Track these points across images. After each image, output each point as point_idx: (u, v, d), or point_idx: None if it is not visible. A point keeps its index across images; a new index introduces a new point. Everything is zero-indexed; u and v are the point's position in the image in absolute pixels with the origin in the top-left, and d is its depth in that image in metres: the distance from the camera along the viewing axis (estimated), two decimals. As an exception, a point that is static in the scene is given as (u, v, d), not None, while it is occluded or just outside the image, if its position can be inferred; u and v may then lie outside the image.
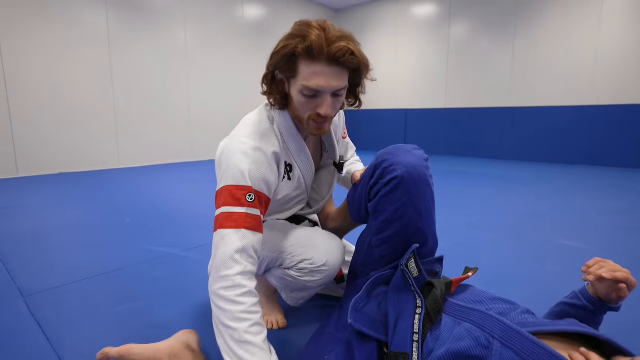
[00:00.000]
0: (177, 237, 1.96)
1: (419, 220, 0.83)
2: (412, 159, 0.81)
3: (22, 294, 1.32)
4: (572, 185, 3.48)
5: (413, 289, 0.78)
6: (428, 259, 0.86)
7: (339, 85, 0.80)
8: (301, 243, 0.91)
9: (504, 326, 0.68)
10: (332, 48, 0.75)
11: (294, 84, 0.83)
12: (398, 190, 0.80)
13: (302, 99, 0.82)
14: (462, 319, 0.73)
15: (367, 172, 0.88)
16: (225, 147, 0.86)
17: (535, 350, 0.63)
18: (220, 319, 0.72)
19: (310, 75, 0.78)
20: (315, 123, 0.85)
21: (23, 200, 2.82)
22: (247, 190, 0.79)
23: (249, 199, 0.78)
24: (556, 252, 1.74)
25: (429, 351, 0.71)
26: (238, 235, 0.76)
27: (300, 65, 0.79)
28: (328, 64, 0.77)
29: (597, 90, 4.77)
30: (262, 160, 0.83)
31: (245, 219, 0.77)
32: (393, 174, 0.80)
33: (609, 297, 0.76)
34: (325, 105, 0.81)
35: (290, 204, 1.03)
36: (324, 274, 0.90)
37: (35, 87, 3.95)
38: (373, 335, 0.76)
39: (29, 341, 1.04)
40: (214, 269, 0.76)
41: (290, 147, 0.92)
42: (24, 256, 1.69)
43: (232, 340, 0.69)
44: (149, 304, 1.25)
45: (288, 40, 0.80)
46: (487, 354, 0.65)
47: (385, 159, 0.83)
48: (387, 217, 0.83)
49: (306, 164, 0.97)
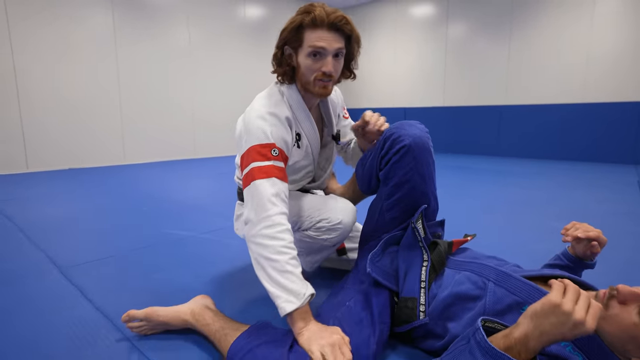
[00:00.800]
0: (193, 223, 2.08)
1: (423, 183, 0.97)
2: (416, 131, 0.96)
3: (58, 268, 1.43)
4: (568, 179, 3.62)
5: (421, 245, 0.91)
6: (431, 222, 0.99)
7: (338, 46, 0.96)
8: (318, 206, 1.05)
9: (498, 271, 0.80)
10: (331, 17, 0.93)
11: (301, 52, 0.98)
12: (406, 157, 0.94)
13: (309, 62, 0.97)
14: (462, 269, 0.86)
15: (377, 145, 1.01)
16: (243, 119, 1.00)
17: (524, 287, 0.76)
18: (263, 254, 0.83)
19: (314, 39, 0.94)
20: (321, 82, 0.99)
21: (38, 193, 2.92)
22: (271, 146, 0.92)
23: (274, 154, 0.92)
24: (550, 233, 1.87)
25: (433, 296, 0.84)
26: (270, 183, 0.88)
27: (306, 33, 0.96)
28: (328, 30, 0.94)
29: (590, 88, 4.92)
30: (277, 122, 0.97)
31: (274, 169, 0.90)
32: (402, 143, 0.94)
33: (585, 254, 0.90)
34: (328, 63, 0.96)
35: (300, 174, 1.15)
36: (339, 232, 1.03)
37: (45, 86, 4.06)
38: (386, 284, 0.88)
39: (72, 304, 1.16)
40: (253, 214, 0.87)
41: (298, 117, 1.05)
42: (53, 239, 1.80)
43: (274, 271, 0.81)
44: (173, 275, 1.38)
45: (294, 17, 0.98)
46: (483, 294, 0.78)
47: (393, 132, 0.97)
48: (397, 182, 0.97)
49: (312, 133, 1.09)
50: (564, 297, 0.55)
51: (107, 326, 1.03)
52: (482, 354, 0.57)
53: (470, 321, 0.76)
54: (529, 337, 0.56)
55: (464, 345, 0.62)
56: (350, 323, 0.83)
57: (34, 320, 1.06)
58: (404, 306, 0.85)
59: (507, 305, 0.74)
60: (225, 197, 2.88)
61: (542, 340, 0.56)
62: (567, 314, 0.53)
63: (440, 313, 0.81)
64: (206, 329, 0.92)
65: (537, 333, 0.56)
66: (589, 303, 0.55)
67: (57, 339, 0.97)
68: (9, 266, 1.45)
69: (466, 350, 0.60)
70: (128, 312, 0.96)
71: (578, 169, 4.30)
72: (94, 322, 1.05)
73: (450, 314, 0.80)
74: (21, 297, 1.20)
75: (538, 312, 0.56)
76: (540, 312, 0.56)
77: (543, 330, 0.55)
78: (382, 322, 0.85)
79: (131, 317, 0.96)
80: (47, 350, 0.92)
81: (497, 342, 0.58)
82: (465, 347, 0.61)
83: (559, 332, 0.54)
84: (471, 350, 0.59)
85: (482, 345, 0.57)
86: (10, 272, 1.39)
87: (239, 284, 1.31)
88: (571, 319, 0.53)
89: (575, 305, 0.54)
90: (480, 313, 0.75)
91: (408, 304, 0.84)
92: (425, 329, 0.84)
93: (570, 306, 0.54)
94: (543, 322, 0.55)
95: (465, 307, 0.78)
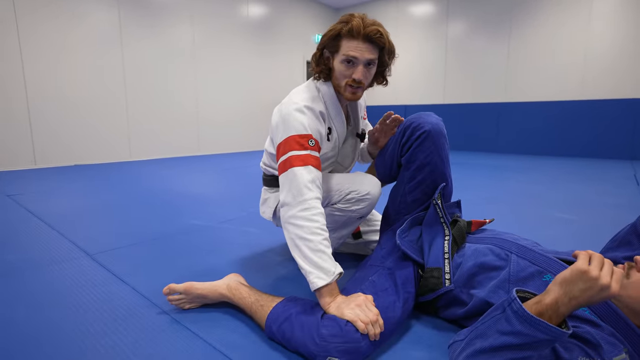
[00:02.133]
0: (208, 214, 2.14)
1: (442, 165, 1.08)
2: (433, 119, 1.07)
3: (88, 254, 1.50)
4: (567, 174, 3.71)
5: (442, 221, 0.99)
6: (448, 202, 1.07)
7: (370, 57, 1.04)
8: (346, 181, 1.13)
9: (519, 245, 0.88)
10: (366, 30, 1.01)
11: (337, 57, 1.07)
12: (426, 142, 1.05)
13: (342, 68, 1.06)
14: (484, 243, 0.94)
15: (397, 134, 1.11)
16: (281, 111, 1.07)
17: (545, 259, 0.83)
18: (298, 234, 0.91)
19: (349, 48, 1.03)
20: (351, 88, 1.08)
21: (50, 187, 2.98)
22: (309, 137, 1.01)
23: (311, 144, 1.00)
24: (553, 222, 1.95)
25: (457, 265, 0.92)
26: (307, 170, 0.96)
27: (342, 42, 1.05)
28: (363, 41, 1.02)
29: (588, 86, 5.02)
30: (313, 116, 1.05)
31: (310, 158, 0.99)
32: (422, 129, 1.05)
33: None
34: (359, 71, 1.05)
35: (325, 164, 1.23)
36: (367, 202, 1.11)
37: (52, 84, 4.10)
38: (413, 257, 0.96)
39: (108, 284, 1.23)
40: (291, 198, 0.95)
41: (331, 112, 1.14)
42: (77, 228, 1.86)
43: (308, 249, 0.89)
44: (200, 259, 1.45)
45: (335, 25, 1.06)
46: (506, 265, 0.86)
47: (413, 121, 1.07)
48: (418, 165, 1.07)
49: (341, 129, 1.18)
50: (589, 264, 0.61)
51: (144, 303, 1.10)
52: (519, 322, 0.61)
53: (495, 288, 0.83)
54: (559, 303, 0.60)
55: (499, 314, 0.65)
56: (375, 292, 0.91)
57: (71, 300, 1.13)
58: (430, 276, 0.93)
59: (530, 274, 0.81)
60: (234, 190, 2.95)
61: (572, 305, 0.60)
62: (594, 279, 0.58)
63: (465, 281, 0.89)
64: (242, 302, 0.99)
65: (566, 299, 0.60)
66: (612, 269, 0.60)
67: (98, 315, 1.04)
68: (38, 254, 1.51)
69: (502, 318, 0.64)
70: (169, 285, 1.03)
71: (577, 164, 4.40)
72: (131, 299, 1.12)
73: (475, 283, 0.88)
74: (55, 281, 1.26)
75: (567, 279, 0.61)
76: (569, 279, 0.61)
77: (572, 295, 0.60)
78: (407, 292, 0.92)
79: (171, 290, 1.03)
80: (88, 327, 0.99)
81: (529, 308, 0.62)
82: (501, 315, 0.64)
83: (587, 296, 0.59)
84: (507, 318, 0.63)
85: (520, 313, 0.61)
86: (41, 259, 1.45)
87: (262, 266, 1.38)
88: (598, 283, 0.58)
89: (600, 271, 0.59)
90: (505, 280, 0.82)
91: (434, 274, 0.92)
92: (449, 297, 0.92)
93: (597, 272, 0.59)
94: (572, 289, 0.60)
95: (489, 276, 0.86)
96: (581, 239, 1.71)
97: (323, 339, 0.78)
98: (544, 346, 0.61)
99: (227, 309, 1.06)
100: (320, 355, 0.78)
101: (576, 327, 0.70)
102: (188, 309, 1.06)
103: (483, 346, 0.65)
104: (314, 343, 0.79)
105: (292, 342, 0.83)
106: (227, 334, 0.94)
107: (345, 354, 0.77)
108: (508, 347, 0.62)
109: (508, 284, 0.82)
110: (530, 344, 0.61)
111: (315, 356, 0.79)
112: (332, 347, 0.77)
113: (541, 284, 0.79)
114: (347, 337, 0.78)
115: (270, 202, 1.29)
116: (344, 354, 0.77)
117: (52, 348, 0.88)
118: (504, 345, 0.62)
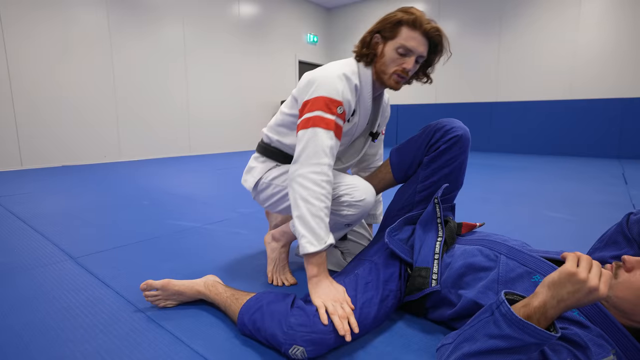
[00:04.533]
0: (196, 215, 2.11)
1: (459, 170, 1.08)
2: (463, 125, 1.07)
3: (72, 257, 1.46)
4: (558, 173, 3.74)
5: (438, 221, 0.99)
6: (444, 205, 1.07)
7: (423, 52, 1.04)
8: (344, 182, 1.08)
9: (508, 246, 0.87)
10: (428, 25, 1.01)
11: (391, 44, 1.04)
12: (456, 146, 1.05)
13: (395, 56, 1.03)
14: (473, 244, 0.93)
15: (425, 135, 1.09)
16: (319, 70, 1.04)
17: (534, 261, 0.82)
18: (303, 196, 0.91)
19: (409, 38, 1.02)
20: (397, 77, 1.06)
21: (36, 189, 2.92)
22: (339, 103, 0.98)
23: (339, 111, 0.98)
24: (544, 221, 1.96)
25: (446, 265, 0.91)
26: (329, 135, 0.95)
27: (402, 30, 1.02)
28: (422, 35, 1.02)
29: (577, 86, 5.07)
30: (348, 87, 1.02)
31: (334, 125, 0.97)
32: (454, 133, 1.04)
33: None
34: (410, 62, 1.03)
35: None
36: (360, 209, 1.06)
37: (39, 83, 4.03)
38: (401, 255, 0.96)
39: (90, 289, 1.19)
40: (304, 156, 0.94)
41: (362, 95, 1.10)
42: (61, 230, 1.82)
43: (308, 213, 0.89)
44: (185, 263, 1.42)
45: (395, 13, 1.04)
46: (495, 265, 0.85)
47: (445, 124, 1.06)
48: (439, 165, 1.07)
49: (364, 118, 1.14)
50: (578, 266, 0.60)
51: (128, 308, 1.07)
52: (507, 325, 0.60)
53: (484, 289, 0.82)
54: (547, 306, 0.60)
55: (487, 317, 0.64)
56: (356, 286, 0.91)
57: (53, 305, 1.10)
58: (417, 275, 0.93)
59: (519, 274, 0.80)
60: (224, 191, 2.92)
61: (560, 307, 0.60)
62: (583, 281, 0.57)
63: (454, 282, 0.88)
64: (218, 298, 1.00)
65: (555, 301, 0.59)
66: (600, 271, 0.59)
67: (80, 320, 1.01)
68: (22, 257, 1.47)
69: (490, 321, 0.63)
70: (146, 281, 1.03)
71: (566, 163, 4.44)
72: (115, 303, 1.09)
73: (463, 284, 0.87)
74: (37, 285, 1.23)
75: (555, 281, 0.60)
76: (557, 281, 0.60)
77: (561, 298, 0.59)
78: (388, 289, 0.92)
79: (149, 286, 1.02)
80: (68, 334, 0.96)
81: (518, 311, 0.61)
82: (490, 318, 0.63)
83: (575, 298, 0.58)
84: (496, 321, 0.62)
85: (508, 316, 0.60)
86: (22, 263, 1.41)
87: (251, 269, 1.36)
88: (586, 286, 0.57)
89: (589, 273, 0.58)
90: (494, 280, 0.82)
91: (421, 273, 0.92)
92: (437, 297, 0.91)
93: (585, 274, 0.58)
94: (561, 291, 0.59)
95: (478, 276, 0.85)
96: (571, 238, 1.72)
97: (290, 327, 0.79)
98: (532, 349, 0.60)
99: (210, 314, 1.04)
100: (287, 343, 0.78)
101: (564, 329, 0.69)
102: (163, 307, 1.05)
103: (471, 350, 0.63)
104: (282, 331, 0.79)
105: (262, 332, 0.84)
106: (212, 338, 0.92)
107: (310, 343, 0.77)
108: (496, 350, 0.61)
109: (497, 285, 0.82)
110: (519, 348, 0.60)
111: (281, 345, 0.79)
112: (298, 336, 0.77)
113: (530, 285, 0.79)
114: (314, 327, 0.79)
115: (256, 172, 1.22)
116: (309, 344, 0.77)
117: (30, 355, 0.85)
118: (492, 349, 0.61)
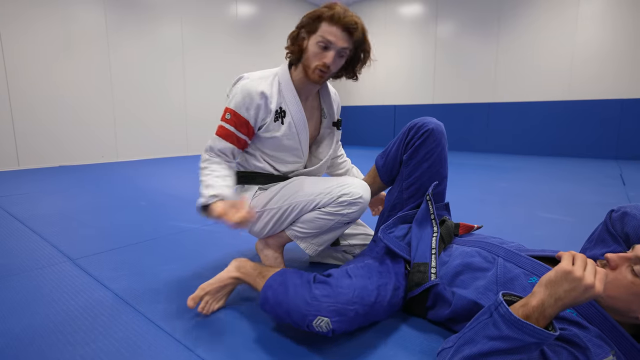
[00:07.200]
0: (195, 215, 2.10)
1: (439, 163, 1.10)
2: (435, 120, 1.11)
3: (70, 259, 1.46)
4: (556, 173, 3.76)
5: (432, 218, 1.00)
6: (439, 203, 1.08)
7: (344, 46, 1.09)
8: (338, 183, 1.12)
9: (505, 249, 0.88)
10: (346, 19, 1.06)
11: (312, 39, 1.11)
12: (429, 139, 1.08)
13: (317, 50, 1.10)
14: (471, 245, 0.94)
15: (402, 135, 1.14)
16: None
17: (530, 263, 0.83)
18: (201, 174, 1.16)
19: (327, 32, 1.08)
20: (319, 72, 1.12)
21: (34, 189, 2.90)
22: (227, 110, 1.15)
23: (227, 117, 1.14)
24: (541, 222, 1.97)
25: (443, 262, 0.92)
26: (216, 139, 1.16)
27: (322, 24, 1.09)
28: (341, 29, 1.07)
29: (575, 86, 5.10)
30: (248, 93, 1.13)
31: (221, 129, 1.15)
32: (426, 128, 1.08)
33: None
34: (330, 56, 1.09)
35: (285, 154, 1.22)
36: (359, 206, 1.09)
37: (36, 82, 4.01)
38: (396, 251, 0.97)
39: (89, 291, 1.19)
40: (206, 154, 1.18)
41: (285, 96, 1.17)
42: (59, 231, 1.81)
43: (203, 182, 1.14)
44: (186, 264, 1.42)
45: (318, 9, 1.10)
46: (492, 267, 0.86)
47: (417, 122, 1.11)
48: (419, 160, 1.09)
49: (298, 114, 1.19)
50: (573, 265, 0.61)
51: (127, 310, 1.07)
52: (507, 326, 0.60)
53: (484, 289, 0.83)
54: (545, 305, 0.61)
55: (486, 319, 0.65)
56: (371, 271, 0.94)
57: (52, 307, 1.09)
58: (416, 271, 0.94)
59: (516, 275, 0.81)
60: (224, 192, 2.90)
61: (558, 306, 0.60)
62: (578, 279, 0.58)
63: (450, 279, 0.89)
64: (248, 278, 1.03)
65: (552, 300, 0.60)
66: (595, 269, 0.60)
67: (79, 323, 1.00)
68: (21, 259, 1.46)
69: (489, 323, 0.64)
70: (188, 300, 1.02)
71: (564, 164, 4.46)
72: (114, 305, 1.09)
73: (458, 282, 0.88)
74: (36, 287, 1.22)
75: (552, 280, 0.61)
76: (554, 280, 0.61)
77: (558, 296, 0.60)
78: (399, 281, 0.95)
79: (195, 301, 1.02)
80: (68, 337, 0.96)
81: (516, 311, 0.62)
82: (489, 320, 0.64)
83: (572, 296, 0.59)
84: (495, 323, 0.62)
85: (507, 317, 0.61)
86: (23, 265, 1.40)
87: (250, 271, 1.36)
88: (582, 283, 0.58)
89: (584, 271, 0.59)
90: (493, 282, 0.82)
91: (420, 269, 0.94)
92: (435, 294, 0.92)
93: (581, 272, 0.59)
94: (557, 290, 0.60)
95: (474, 276, 0.86)
96: (568, 239, 1.73)
97: (315, 298, 0.82)
98: (532, 349, 0.61)
99: (210, 314, 1.04)
100: (311, 314, 0.80)
101: (563, 330, 0.70)
102: (218, 309, 1.06)
103: (472, 352, 0.64)
104: (305, 302, 0.82)
105: (284, 305, 0.85)
106: (212, 339, 0.92)
107: (336, 314, 0.80)
108: (497, 352, 0.62)
109: (496, 286, 0.83)
110: (519, 348, 0.60)
111: (305, 316, 0.81)
112: (323, 307, 0.80)
113: (527, 285, 0.80)
114: (338, 298, 0.82)
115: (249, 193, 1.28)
116: (335, 314, 0.80)
117: (30, 359, 0.85)
118: (493, 351, 0.62)
